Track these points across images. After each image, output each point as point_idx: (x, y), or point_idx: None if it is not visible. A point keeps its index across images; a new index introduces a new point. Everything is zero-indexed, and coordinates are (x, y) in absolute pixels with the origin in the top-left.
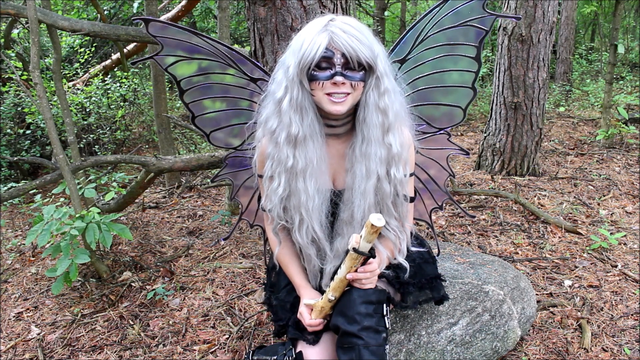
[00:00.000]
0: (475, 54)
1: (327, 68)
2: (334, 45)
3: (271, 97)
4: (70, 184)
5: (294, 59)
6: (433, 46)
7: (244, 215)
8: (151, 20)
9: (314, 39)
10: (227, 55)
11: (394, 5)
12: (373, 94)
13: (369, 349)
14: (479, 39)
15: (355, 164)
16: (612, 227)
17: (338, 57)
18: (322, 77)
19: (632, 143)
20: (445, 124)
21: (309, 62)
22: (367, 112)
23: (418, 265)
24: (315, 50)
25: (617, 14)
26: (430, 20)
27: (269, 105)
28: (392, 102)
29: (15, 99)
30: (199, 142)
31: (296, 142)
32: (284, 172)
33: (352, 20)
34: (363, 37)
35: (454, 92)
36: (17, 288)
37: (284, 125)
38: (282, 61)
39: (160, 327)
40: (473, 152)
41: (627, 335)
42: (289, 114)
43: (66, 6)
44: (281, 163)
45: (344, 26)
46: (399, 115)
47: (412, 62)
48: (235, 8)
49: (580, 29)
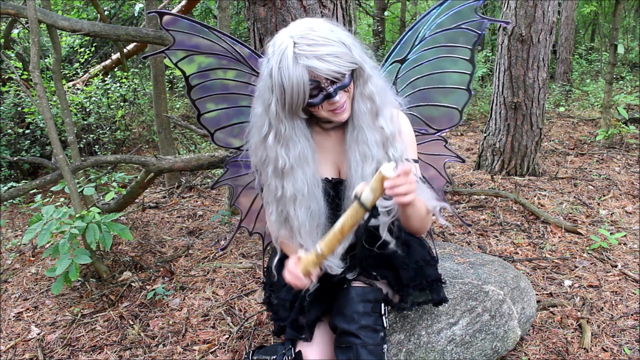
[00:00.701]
0: (470, 57)
1: (318, 93)
2: (314, 75)
3: (256, 129)
4: (70, 184)
5: (275, 96)
6: (432, 47)
7: (243, 223)
8: (165, 13)
9: (293, 78)
10: (237, 50)
11: (394, 5)
12: (358, 84)
13: (367, 348)
14: (473, 42)
15: (349, 151)
16: (612, 227)
17: (323, 80)
18: (318, 102)
19: (632, 143)
20: (443, 125)
21: (301, 102)
22: (354, 101)
23: (419, 267)
24: (302, 91)
25: (617, 14)
26: (429, 22)
27: (255, 135)
28: (376, 86)
29: (15, 99)
30: (199, 142)
31: (283, 174)
32: (274, 201)
33: (311, 29)
34: (333, 47)
35: (453, 93)
36: (17, 288)
37: (270, 160)
38: (259, 93)
39: (160, 327)
40: (473, 152)
41: (627, 335)
42: (275, 149)
43: (66, 6)
44: (271, 192)
45: (311, 48)
46: (385, 95)
47: (411, 62)
48: (235, 8)
49: (580, 29)
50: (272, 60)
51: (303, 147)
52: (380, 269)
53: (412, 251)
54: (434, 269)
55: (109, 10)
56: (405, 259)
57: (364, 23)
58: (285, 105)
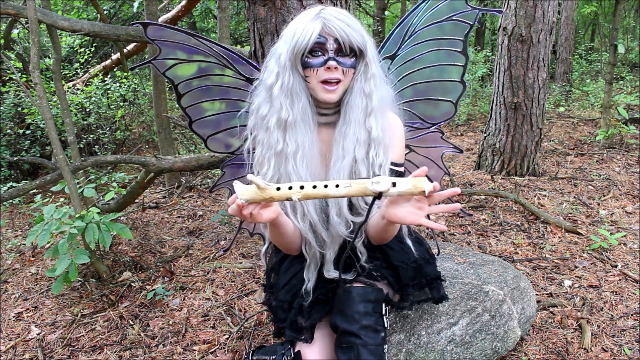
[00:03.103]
0: (462, 48)
1: (320, 55)
2: (326, 31)
3: (263, 85)
4: (70, 184)
5: (286, 47)
6: (423, 41)
7: (244, 225)
8: (150, 24)
9: (306, 26)
10: (223, 56)
11: (394, 5)
12: (360, 78)
13: (368, 348)
14: (465, 33)
15: (334, 144)
16: (612, 227)
17: (331, 42)
18: (316, 64)
19: (632, 143)
20: (438, 118)
21: (302, 48)
22: (352, 95)
23: (419, 266)
24: (308, 36)
25: (617, 14)
26: (418, 16)
27: (261, 93)
28: (378, 88)
29: (15, 99)
30: (199, 142)
31: (286, 126)
32: (274, 156)
33: (343, 10)
34: (354, 23)
35: (447, 85)
36: (17, 288)
37: (274, 110)
38: (273, 50)
39: (160, 327)
40: (473, 152)
41: (627, 335)
42: (279, 99)
43: (66, 6)
44: (271, 147)
45: (335, 14)
46: (384, 100)
47: (402, 57)
48: (235, 8)
49: (580, 29)
50: (296, 18)
51: (305, 105)
52: (380, 269)
53: (409, 250)
54: (433, 267)
55: (109, 10)
56: (403, 259)
57: (364, 23)
58: (290, 51)
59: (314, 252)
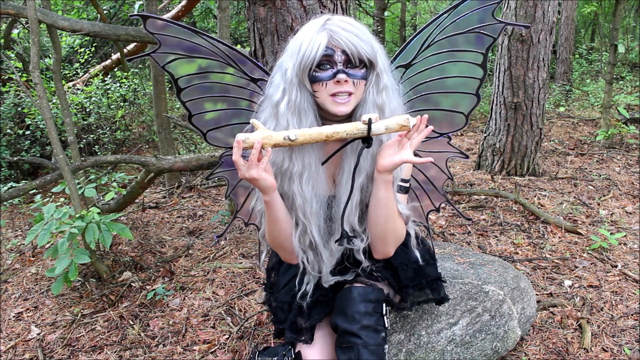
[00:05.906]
0: (482, 61)
1: (328, 68)
2: (334, 43)
3: (268, 100)
4: (70, 184)
5: (292, 61)
6: (441, 51)
7: (239, 214)
8: (149, 17)
9: (312, 38)
10: (227, 54)
11: (394, 5)
12: (372, 90)
13: (368, 349)
14: (486, 47)
15: (345, 159)
16: (612, 227)
17: (339, 54)
18: (325, 77)
19: (632, 143)
20: (446, 128)
21: (310, 62)
22: (364, 109)
23: (419, 267)
24: (315, 49)
25: (617, 14)
26: (438, 26)
27: (267, 109)
28: (390, 99)
29: (15, 99)
30: (199, 142)
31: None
32: (279, 174)
33: (350, 19)
34: (362, 33)
35: (460, 97)
36: (17, 288)
37: (280, 128)
38: (279, 64)
39: (160, 327)
40: (473, 152)
41: (627, 335)
42: (286, 117)
43: (66, 6)
44: (276, 165)
45: (342, 24)
46: (395, 112)
47: (418, 66)
48: (235, 8)
49: (580, 29)
50: (301, 30)
51: (312, 123)
52: (381, 269)
53: (411, 252)
54: (433, 268)
55: (109, 10)
56: (404, 260)
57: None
58: (297, 66)
59: (312, 265)
